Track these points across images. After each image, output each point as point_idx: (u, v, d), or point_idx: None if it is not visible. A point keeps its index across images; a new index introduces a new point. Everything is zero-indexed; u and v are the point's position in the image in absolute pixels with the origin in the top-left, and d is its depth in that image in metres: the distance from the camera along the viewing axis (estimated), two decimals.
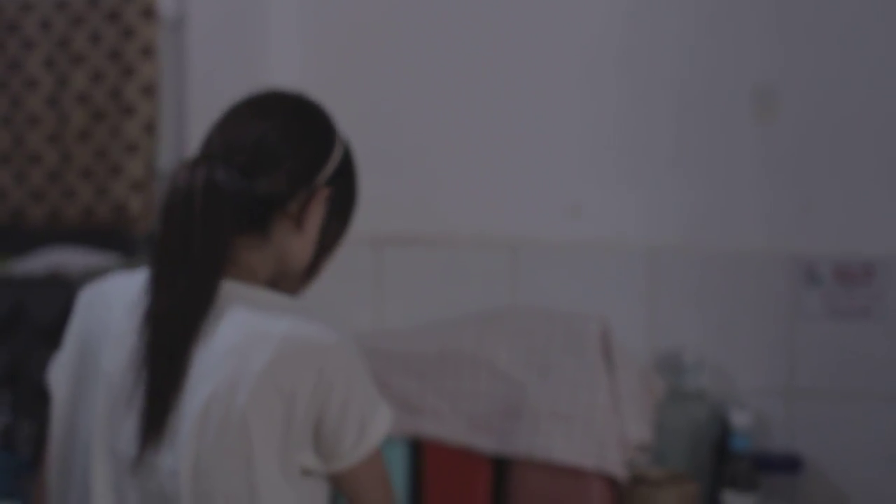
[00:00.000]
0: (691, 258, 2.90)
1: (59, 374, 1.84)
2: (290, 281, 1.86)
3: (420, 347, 2.76)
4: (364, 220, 1.93)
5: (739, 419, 2.69)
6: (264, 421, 1.67)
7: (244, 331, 1.70)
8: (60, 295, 2.93)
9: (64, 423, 1.82)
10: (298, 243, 1.82)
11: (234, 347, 1.69)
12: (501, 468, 2.69)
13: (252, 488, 1.69)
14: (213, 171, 1.71)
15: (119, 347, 1.75)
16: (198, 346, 1.70)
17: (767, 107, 2.85)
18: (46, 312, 2.94)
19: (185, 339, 1.70)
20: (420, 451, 2.73)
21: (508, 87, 2.99)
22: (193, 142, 3.06)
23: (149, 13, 3.17)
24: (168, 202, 1.72)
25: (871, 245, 2.80)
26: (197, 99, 3.13)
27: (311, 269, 1.86)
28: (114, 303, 1.80)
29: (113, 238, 3.24)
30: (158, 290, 1.71)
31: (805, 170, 2.84)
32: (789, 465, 2.74)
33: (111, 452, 1.74)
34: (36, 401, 2.96)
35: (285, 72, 3.06)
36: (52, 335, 2.94)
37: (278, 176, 1.77)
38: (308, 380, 1.68)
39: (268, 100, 1.85)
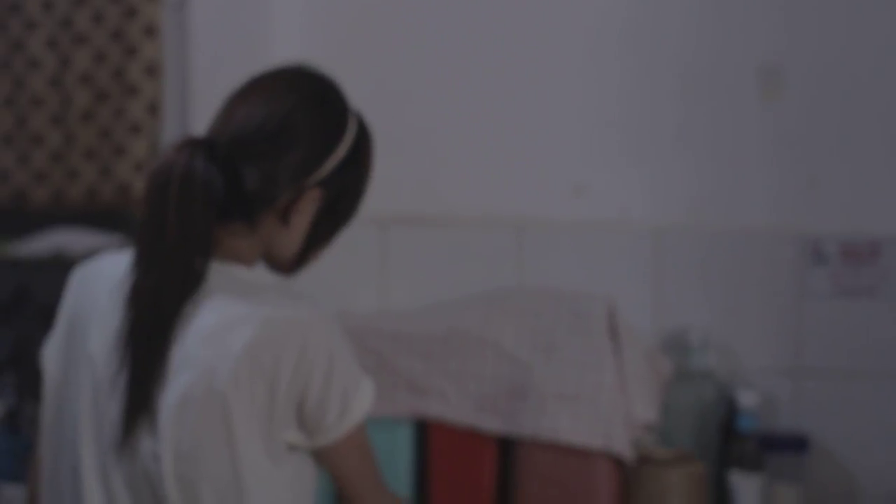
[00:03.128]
0: (697, 237, 2.89)
1: (51, 353, 1.84)
2: (280, 266, 1.85)
3: (425, 328, 2.75)
4: (369, 200, 1.91)
5: (746, 399, 2.69)
6: (246, 403, 1.67)
7: (224, 314, 1.70)
8: (64, 276, 2.89)
9: (53, 404, 1.82)
10: (284, 238, 1.80)
11: (213, 331, 1.69)
12: (507, 449, 2.69)
13: (236, 470, 1.69)
14: (194, 158, 1.69)
15: (103, 328, 1.75)
16: (179, 329, 1.70)
17: (773, 84, 2.84)
18: (50, 294, 2.91)
19: (164, 321, 1.70)
20: (426, 432, 2.73)
21: (512, 66, 2.98)
22: (197, 122, 3.06)
23: None
24: (149, 184, 1.71)
25: (878, 223, 2.79)
26: (200, 79, 3.11)
27: (299, 261, 1.85)
28: (103, 282, 1.80)
29: (116, 219, 3.23)
30: (139, 271, 1.71)
31: (811, 148, 2.83)
32: (796, 444, 2.73)
33: (96, 435, 1.74)
34: (40, 383, 2.96)
35: (289, 51, 3.04)
36: (55, 317, 2.94)
37: (267, 171, 1.74)
38: (289, 358, 1.68)
39: (284, 81, 1.81)
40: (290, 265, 1.84)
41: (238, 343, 1.67)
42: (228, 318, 1.69)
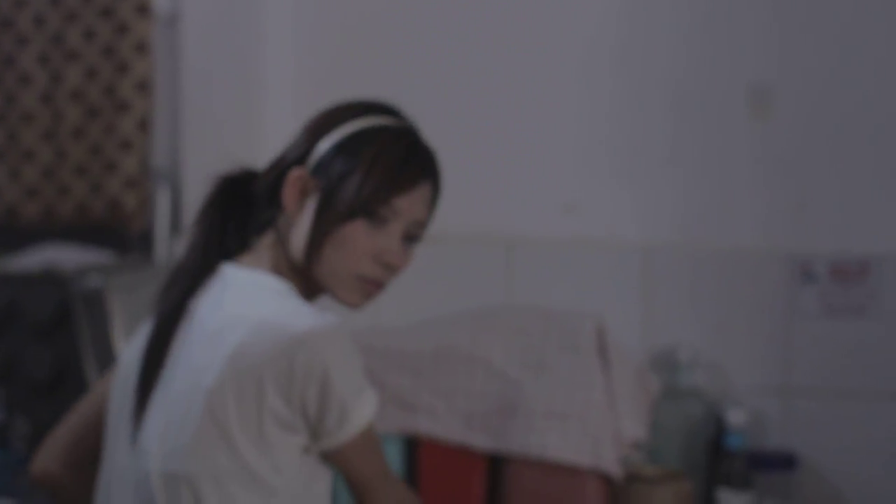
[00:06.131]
0: (687, 256, 2.89)
1: (129, 350, 1.89)
2: (299, 264, 1.84)
3: (415, 345, 2.75)
4: None
5: (734, 417, 2.69)
6: (233, 404, 1.69)
7: (224, 314, 1.74)
8: (54, 292, 2.92)
9: (119, 397, 1.87)
10: (295, 231, 1.83)
11: (214, 330, 1.74)
12: (497, 466, 2.69)
13: (219, 470, 1.69)
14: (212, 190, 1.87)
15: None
16: (183, 327, 1.78)
17: (763, 104, 2.85)
18: (40, 309, 2.93)
19: (169, 318, 1.78)
20: (415, 449, 2.73)
21: (503, 85, 2.99)
22: (188, 138, 3.07)
23: (143, 9, 3.16)
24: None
25: (867, 243, 2.80)
26: (191, 96, 3.12)
27: (310, 254, 1.81)
28: None
29: (107, 235, 3.24)
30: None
31: (801, 167, 2.84)
32: (784, 462, 2.73)
33: (116, 434, 1.81)
34: (30, 398, 2.96)
35: (280, 68, 3.05)
36: (46, 332, 2.94)
37: (268, 169, 1.88)
38: (277, 366, 1.69)
39: None
40: (304, 261, 1.82)
41: (229, 345, 1.70)
42: (228, 319, 1.73)
